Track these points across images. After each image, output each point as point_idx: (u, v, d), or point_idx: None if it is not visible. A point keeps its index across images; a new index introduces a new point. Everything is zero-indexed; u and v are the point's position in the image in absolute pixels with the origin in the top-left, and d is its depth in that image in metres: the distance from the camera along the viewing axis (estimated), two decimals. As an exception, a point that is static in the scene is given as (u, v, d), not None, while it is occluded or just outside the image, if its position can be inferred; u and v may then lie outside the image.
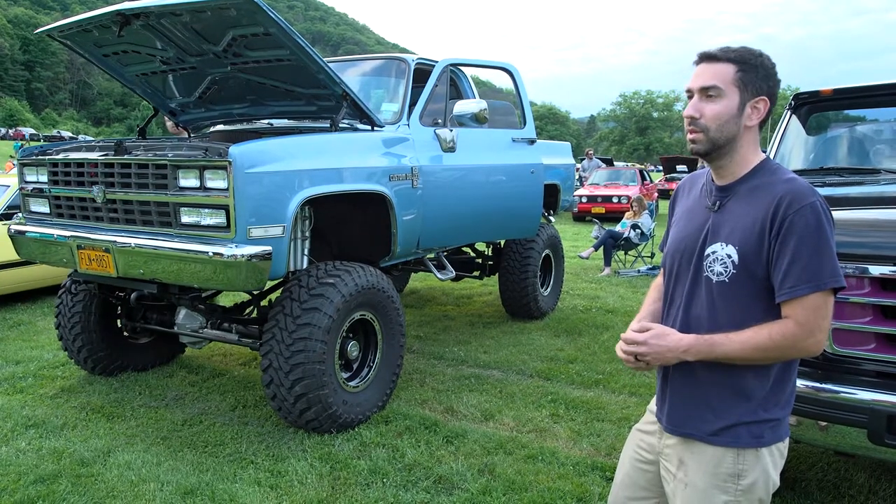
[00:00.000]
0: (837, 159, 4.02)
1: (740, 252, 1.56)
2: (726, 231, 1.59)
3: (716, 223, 1.63)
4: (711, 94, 1.56)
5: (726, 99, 1.56)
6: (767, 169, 1.61)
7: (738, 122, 1.57)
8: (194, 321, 4.09)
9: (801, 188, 1.52)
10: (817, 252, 1.48)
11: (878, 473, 3.26)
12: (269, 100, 4.43)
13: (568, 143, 7.55)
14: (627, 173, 19.49)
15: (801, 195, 1.50)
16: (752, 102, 1.57)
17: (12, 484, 3.14)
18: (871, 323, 2.43)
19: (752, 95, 1.57)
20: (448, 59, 5.11)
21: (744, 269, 1.56)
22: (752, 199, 1.57)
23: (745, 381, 1.58)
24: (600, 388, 4.50)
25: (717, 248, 1.60)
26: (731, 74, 1.55)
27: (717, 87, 1.55)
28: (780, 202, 1.51)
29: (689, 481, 1.64)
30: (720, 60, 1.57)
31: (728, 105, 1.56)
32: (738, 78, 1.55)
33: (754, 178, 1.60)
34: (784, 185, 1.54)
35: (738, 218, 1.58)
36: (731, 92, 1.55)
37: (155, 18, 3.59)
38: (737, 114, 1.56)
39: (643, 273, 9.25)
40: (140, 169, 3.52)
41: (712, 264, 1.60)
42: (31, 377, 4.64)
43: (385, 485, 3.15)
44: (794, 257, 1.48)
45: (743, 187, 1.61)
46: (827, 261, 1.48)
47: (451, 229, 4.94)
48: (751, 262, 1.55)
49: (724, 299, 1.59)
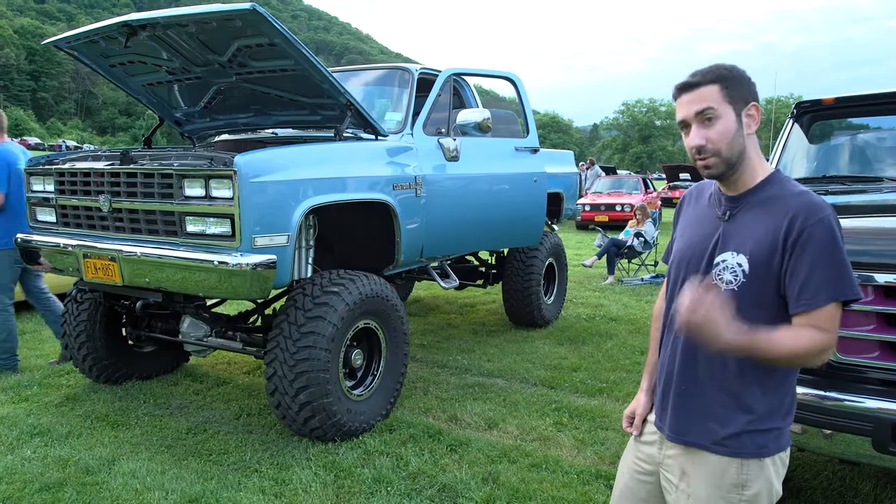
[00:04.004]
0: (840, 168, 4.03)
1: (751, 262, 1.57)
2: (737, 241, 1.60)
3: (726, 232, 1.63)
4: (709, 116, 1.57)
5: (724, 117, 1.57)
6: (777, 180, 1.62)
7: (741, 134, 1.59)
8: (199, 330, 4.10)
9: (816, 201, 1.54)
10: (835, 264, 1.50)
11: (884, 482, 3.24)
12: (274, 109, 4.46)
13: (571, 152, 7.57)
14: (630, 182, 19.50)
15: (817, 208, 1.52)
16: (745, 111, 1.60)
17: (18, 492, 3.14)
18: (874, 331, 2.43)
19: (743, 105, 1.59)
20: (451, 68, 5.15)
21: (753, 279, 1.57)
22: (765, 210, 1.58)
23: (746, 391, 1.59)
24: (604, 397, 4.49)
25: (727, 257, 1.61)
26: (718, 93, 1.57)
27: (711, 107, 1.56)
28: (795, 215, 1.52)
29: (693, 492, 1.64)
30: (701, 84, 1.58)
31: (728, 122, 1.57)
32: (726, 94, 1.57)
33: (765, 189, 1.61)
34: (797, 198, 1.55)
35: (749, 228, 1.59)
36: (724, 109, 1.57)
37: (161, 29, 3.63)
38: (738, 128, 1.58)
39: (647, 281, 9.25)
40: (146, 178, 3.54)
41: (722, 272, 1.61)
42: (36, 385, 4.65)
43: (389, 493, 3.15)
44: (811, 269, 1.50)
45: (754, 198, 1.62)
46: (846, 272, 1.51)
47: (454, 238, 4.95)
48: (761, 272, 1.56)
49: (730, 308, 1.59)
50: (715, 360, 1.62)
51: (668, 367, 1.73)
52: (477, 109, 4.89)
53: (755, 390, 1.58)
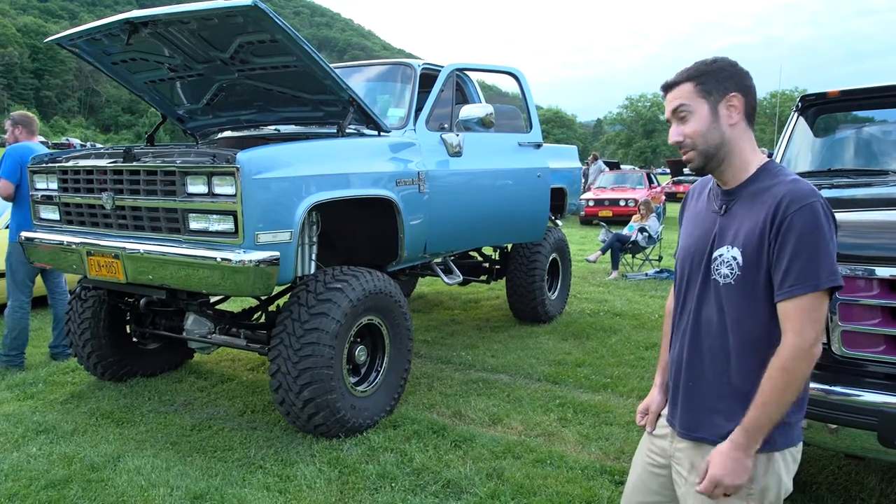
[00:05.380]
0: (845, 161, 4.00)
1: (744, 254, 1.57)
2: (731, 234, 1.61)
3: (722, 226, 1.65)
4: (682, 113, 1.63)
5: (697, 112, 1.62)
6: (770, 171, 1.62)
7: (718, 126, 1.61)
8: (203, 327, 4.10)
9: (802, 189, 1.53)
10: (815, 252, 1.49)
11: (890, 476, 3.23)
12: (276, 106, 4.45)
13: (574, 147, 7.54)
14: (634, 176, 19.44)
15: (801, 196, 1.51)
16: (724, 103, 1.61)
17: (23, 489, 3.16)
18: (880, 325, 2.42)
19: (721, 96, 1.61)
20: (454, 63, 5.13)
21: (748, 271, 1.57)
22: (756, 201, 1.59)
23: (749, 385, 1.58)
24: (608, 392, 4.49)
25: (723, 251, 1.62)
26: (691, 90, 1.63)
27: (684, 104, 1.63)
28: (779, 203, 1.52)
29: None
30: (679, 83, 1.65)
31: (700, 116, 1.62)
32: (700, 90, 1.62)
33: (758, 181, 1.62)
34: (785, 186, 1.55)
35: (741, 220, 1.60)
36: (698, 104, 1.62)
37: (163, 26, 3.62)
38: (712, 120, 1.61)
39: (651, 276, 9.23)
40: (149, 175, 3.54)
41: (719, 267, 1.62)
42: (41, 383, 4.67)
43: (393, 489, 3.15)
44: (792, 258, 1.50)
45: (747, 190, 1.63)
46: (824, 261, 1.49)
47: (457, 234, 4.94)
48: (753, 263, 1.56)
49: (730, 302, 1.60)
50: (718, 356, 1.63)
51: (677, 363, 1.75)
52: (480, 105, 4.88)
53: (758, 385, 1.57)
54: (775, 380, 1.51)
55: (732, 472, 1.53)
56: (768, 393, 1.51)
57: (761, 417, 1.52)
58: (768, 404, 1.51)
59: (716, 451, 1.57)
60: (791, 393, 1.52)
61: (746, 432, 1.53)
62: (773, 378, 1.51)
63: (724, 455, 1.54)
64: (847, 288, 2.43)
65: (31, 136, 5.10)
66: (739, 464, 1.53)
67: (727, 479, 1.53)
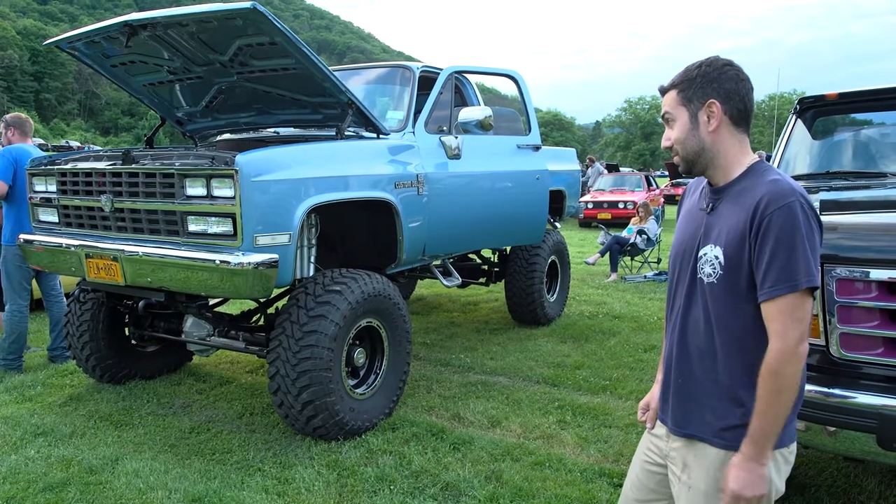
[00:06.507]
0: (843, 163, 4.01)
1: (726, 253, 1.59)
2: (715, 233, 1.63)
3: (708, 225, 1.67)
4: (668, 119, 1.70)
5: (678, 119, 1.68)
6: (756, 171, 1.63)
7: (696, 134, 1.65)
8: (201, 329, 4.10)
9: (782, 188, 1.53)
10: (793, 252, 1.49)
11: (889, 479, 3.23)
12: (275, 108, 4.45)
13: (573, 149, 7.55)
14: (633, 179, 19.46)
15: (781, 195, 1.51)
16: (703, 110, 1.64)
17: (22, 492, 3.15)
18: (878, 327, 2.42)
19: (701, 104, 1.64)
20: (453, 66, 5.13)
21: (730, 270, 1.58)
22: (739, 200, 1.60)
23: (736, 384, 1.59)
24: (607, 395, 4.48)
25: (707, 250, 1.64)
26: (674, 97, 1.68)
27: (668, 112, 1.70)
28: (759, 202, 1.53)
29: (693, 484, 1.66)
30: (668, 90, 1.70)
31: (681, 124, 1.67)
32: (682, 98, 1.66)
33: (744, 180, 1.63)
34: (765, 186, 1.56)
35: (725, 219, 1.62)
36: (679, 112, 1.67)
37: (162, 29, 3.63)
38: (691, 128, 1.65)
39: (649, 279, 9.23)
40: (147, 178, 3.54)
41: (703, 266, 1.64)
42: (39, 385, 4.66)
43: (392, 492, 3.15)
44: (771, 258, 1.51)
45: (733, 189, 1.64)
46: (801, 260, 1.49)
47: (456, 236, 4.94)
48: (735, 263, 1.57)
49: (714, 300, 1.62)
50: (706, 354, 1.65)
51: (668, 361, 1.77)
52: (479, 107, 4.88)
53: (745, 383, 1.58)
54: (768, 385, 1.51)
55: (750, 484, 1.52)
56: (765, 399, 1.52)
57: (764, 425, 1.52)
58: (767, 410, 1.52)
59: (731, 466, 1.56)
60: (788, 395, 1.52)
61: (754, 442, 1.53)
62: (766, 383, 1.52)
63: (738, 468, 1.54)
64: (845, 290, 2.43)
65: (23, 137, 5.09)
66: (755, 474, 1.53)
67: (747, 492, 1.52)
